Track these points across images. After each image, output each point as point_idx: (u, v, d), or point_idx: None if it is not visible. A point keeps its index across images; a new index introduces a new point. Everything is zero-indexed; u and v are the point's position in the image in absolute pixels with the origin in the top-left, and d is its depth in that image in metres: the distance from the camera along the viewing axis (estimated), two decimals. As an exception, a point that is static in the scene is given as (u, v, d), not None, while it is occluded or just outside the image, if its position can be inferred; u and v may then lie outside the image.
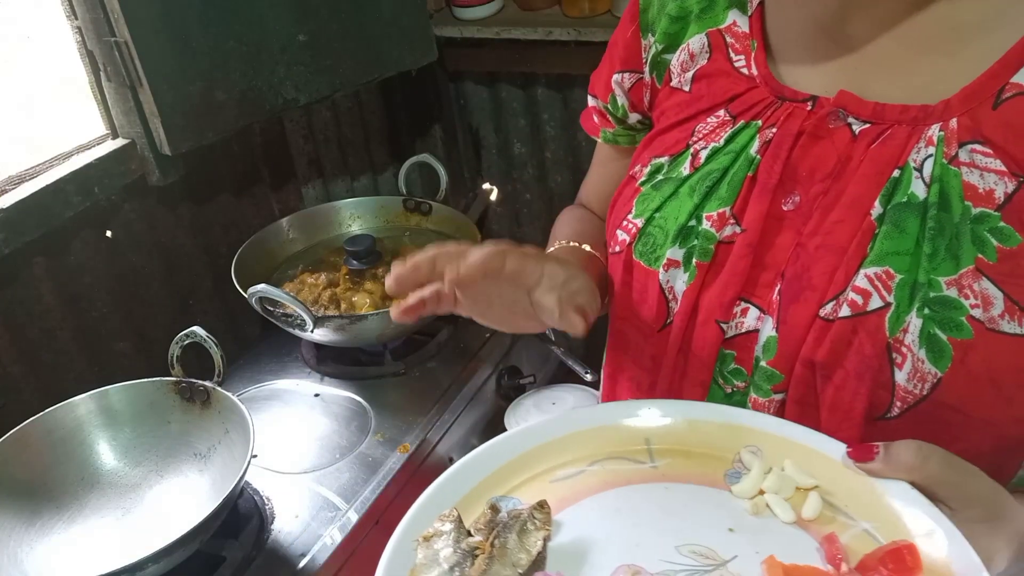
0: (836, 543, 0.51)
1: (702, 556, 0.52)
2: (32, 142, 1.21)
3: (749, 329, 0.64)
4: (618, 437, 0.61)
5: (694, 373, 0.68)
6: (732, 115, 0.68)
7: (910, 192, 0.58)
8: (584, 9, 1.52)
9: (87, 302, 1.25)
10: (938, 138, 0.57)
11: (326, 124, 1.65)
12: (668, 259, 0.67)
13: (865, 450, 0.55)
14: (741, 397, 0.66)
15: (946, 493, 0.53)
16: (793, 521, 0.54)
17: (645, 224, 0.69)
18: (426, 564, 0.52)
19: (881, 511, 0.53)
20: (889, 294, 0.57)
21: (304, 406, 1.31)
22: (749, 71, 0.68)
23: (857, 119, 0.61)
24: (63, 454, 1.07)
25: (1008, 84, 0.56)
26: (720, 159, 0.67)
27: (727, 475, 0.57)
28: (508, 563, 0.51)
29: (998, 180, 0.55)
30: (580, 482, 0.58)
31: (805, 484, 0.55)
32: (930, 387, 0.56)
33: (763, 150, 0.64)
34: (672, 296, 0.67)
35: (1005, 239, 0.55)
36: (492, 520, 0.54)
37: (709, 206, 0.66)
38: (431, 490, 0.57)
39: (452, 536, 0.53)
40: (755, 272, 0.64)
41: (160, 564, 0.92)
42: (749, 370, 0.65)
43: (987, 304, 0.55)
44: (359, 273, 1.38)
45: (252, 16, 1.26)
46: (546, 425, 0.62)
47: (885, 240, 0.58)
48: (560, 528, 0.55)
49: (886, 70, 0.61)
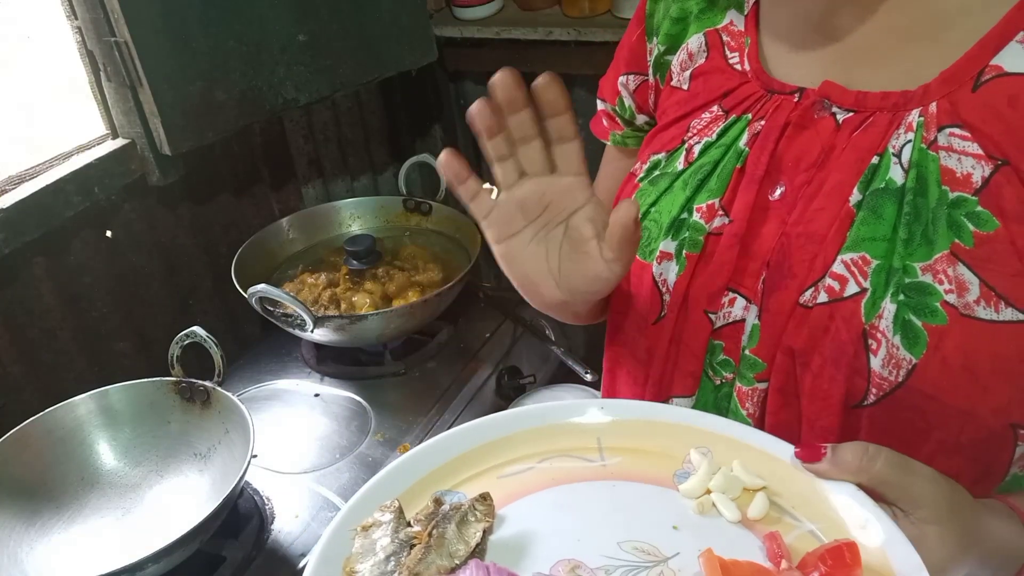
0: (778, 541, 0.51)
1: (644, 552, 0.52)
2: (32, 142, 1.21)
3: (736, 319, 0.65)
4: (569, 435, 0.61)
5: (685, 364, 0.68)
6: (724, 110, 0.68)
7: (888, 178, 0.58)
8: (584, 9, 1.52)
9: (87, 302, 1.25)
10: (917, 123, 0.57)
11: (326, 124, 1.65)
12: (661, 251, 0.68)
13: (813, 451, 0.55)
14: (729, 389, 0.67)
15: (894, 495, 0.53)
16: (738, 520, 0.54)
17: (641, 218, 0.70)
18: (362, 553, 0.51)
19: (827, 512, 0.53)
20: (865, 280, 0.57)
21: (304, 406, 1.31)
22: (742, 67, 0.68)
23: (841, 108, 0.61)
24: (63, 454, 1.07)
25: (988, 66, 0.55)
26: (712, 153, 0.67)
27: (676, 475, 0.57)
28: (445, 553, 0.50)
29: (975, 164, 0.55)
30: (528, 479, 0.58)
31: (753, 485, 0.55)
32: (905, 374, 0.56)
33: (751, 142, 0.65)
34: (665, 288, 0.68)
35: (982, 224, 0.54)
36: (434, 512, 0.54)
37: (699, 198, 0.66)
38: (373, 481, 0.57)
39: (391, 526, 0.52)
40: (742, 262, 0.64)
41: (160, 564, 0.92)
42: (737, 361, 0.65)
43: (962, 290, 0.54)
44: (359, 273, 1.38)
45: (252, 16, 1.26)
46: (496, 421, 0.62)
47: (862, 226, 0.58)
48: (503, 522, 0.55)
49: (871, 59, 0.61)
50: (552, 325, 1.52)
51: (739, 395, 0.65)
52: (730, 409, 0.67)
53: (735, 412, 0.66)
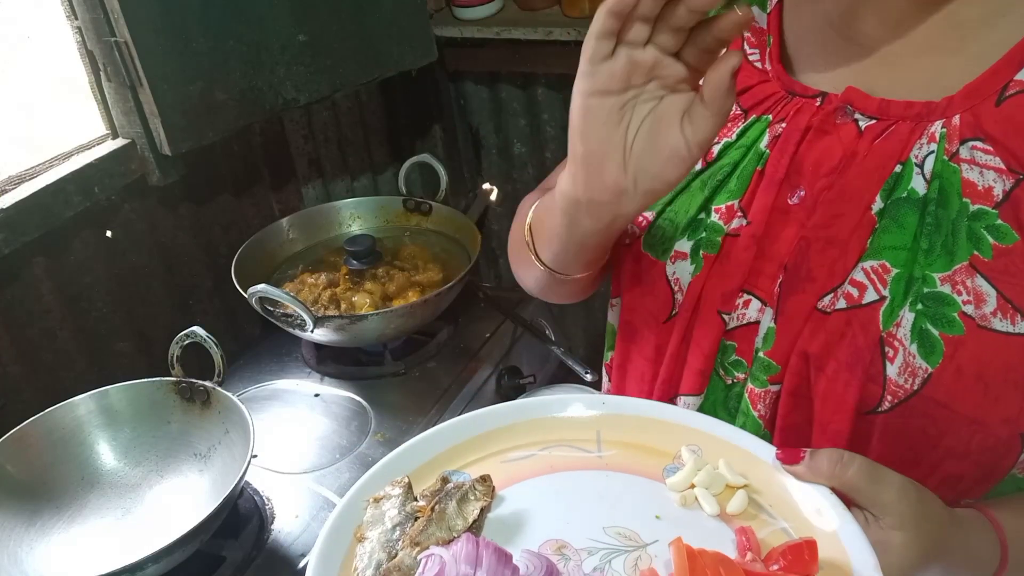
0: (749, 535, 0.54)
1: (625, 538, 0.55)
2: (32, 142, 1.21)
3: (750, 321, 0.65)
4: (571, 427, 0.65)
5: (694, 363, 0.68)
6: (743, 109, 0.68)
7: (910, 188, 0.58)
8: (584, 9, 1.52)
9: (87, 302, 1.25)
10: (940, 135, 0.58)
11: (326, 124, 1.65)
12: (676, 251, 0.68)
13: (792, 454, 0.57)
14: (740, 389, 0.67)
15: (863, 500, 0.54)
16: (717, 514, 0.57)
17: (656, 217, 0.70)
18: (372, 522, 0.57)
19: (798, 512, 0.56)
20: (884, 288, 0.57)
21: (304, 406, 1.31)
22: (763, 65, 0.68)
23: (863, 115, 0.61)
24: (63, 454, 1.07)
25: (1012, 81, 0.56)
26: (732, 153, 0.67)
27: (666, 469, 0.60)
28: (444, 527, 0.55)
29: (997, 177, 0.56)
30: (529, 464, 0.62)
31: (735, 482, 0.58)
32: (920, 382, 0.56)
33: (772, 144, 0.65)
34: (678, 287, 0.68)
35: (1001, 237, 0.55)
36: (440, 490, 0.58)
37: (719, 199, 0.67)
38: (388, 458, 0.62)
39: (400, 500, 0.58)
40: (758, 264, 0.64)
41: (160, 564, 0.92)
42: (749, 362, 0.66)
43: (979, 301, 0.55)
44: (359, 273, 1.38)
45: (252, 16, 1.26)
46: (504, 410, 0.66)
47: (883, 234, 0.58)
48: (502, 502, 0.59)
49: (892, 67, 0.61)
50: (552, 325, 1.52)
51: (751, 396, 0.65)
52: (740, 409, 0.67)
53: (745, 412, 0.66)
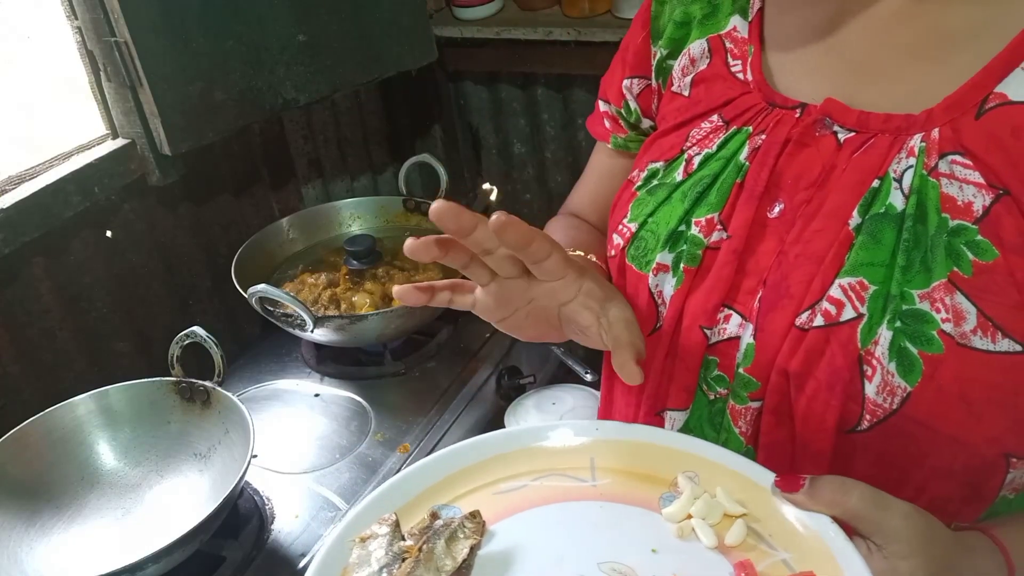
0: (748, 568, 0.52)
1: (620, 574, 0.53)
2: (32, 142, 1.21)
3: (731, 336, 0.64)
4: (564, 454, 0.62)
5: (680, 377, 0.68)
6: (725, 120, 0.68)
7: (888, 203, 0.57)
8: (584, 9, 1.52)
9: (87, 302, 1.25)
10: (919, 149, 0.57)
11: (326, 124, 1.65)
12: (658, 263, 0.67)
13: (792, 481, 0.55)
14: (723, 404, 0.66)
15: (867, 529, 0.53)
16: (715, 546, 0.55)
17: (639, 228, 0.69)
18: (358, 564, 0.55)
19: (800, 542, 0.54)
20: (862, 305, 0.56)
21: (304, 406, 1.31)
22: (744, 76, 0.68)
23: (843, 127, 0.60)
24: (63, 454, 1.07)
25: (991, 94, 0.55)
26: (712, 165, 0.67)
27: (662, 498, 0.58)
28: (433, 568, 0.53)
29: (976, 192, 0.54)
30: (521, 496, 0.60)
31: (733, 512, 0.56)
32: (900, 401, 0.55)
33: (751, 156, 0.64)
34: (661, 300, 0.67)
35: (981, 253, 0.54)
36: (428, 527, 0.56)
37: (699, 211, 0.66)
38: (375, 495, 0.59)
39: (387, 539, 0.56)
40: (739, 279, 0.63)
41: (160, 564, 0.92)
42: (731, 377, 0.64)
43: (959, 319, 0.54)
44: (359, 273, 1.38)
45: (252, 16, 1.26)
46: (495, 438, 0.64)
47: (861, 250, 0.57)
48: (493, 537, 0.57)
49: (875, 77, 0.60)
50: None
51: (732, 413, 0.65)
52: (723, 425, 0.66)
53: (728, 429, 0.66)
